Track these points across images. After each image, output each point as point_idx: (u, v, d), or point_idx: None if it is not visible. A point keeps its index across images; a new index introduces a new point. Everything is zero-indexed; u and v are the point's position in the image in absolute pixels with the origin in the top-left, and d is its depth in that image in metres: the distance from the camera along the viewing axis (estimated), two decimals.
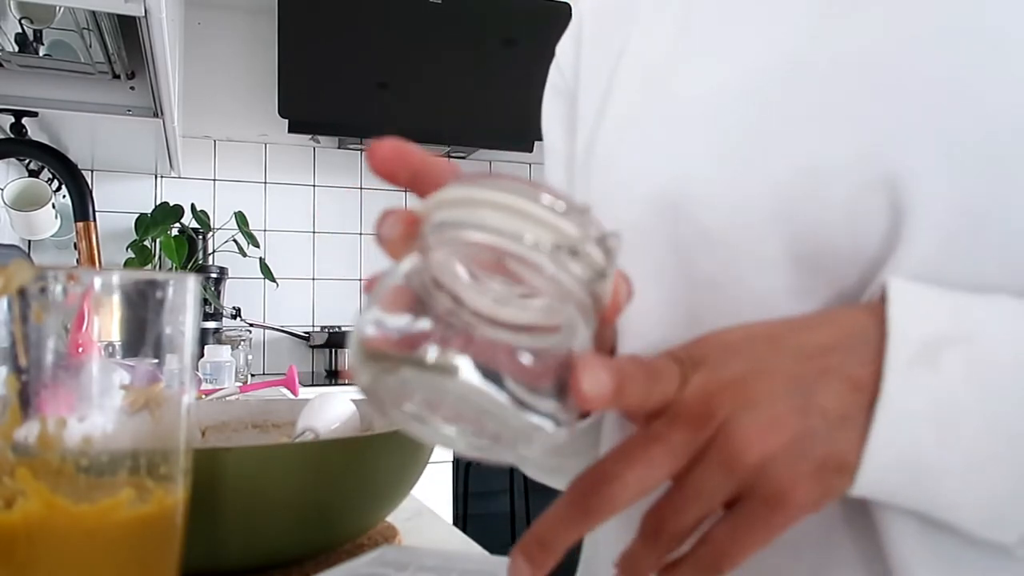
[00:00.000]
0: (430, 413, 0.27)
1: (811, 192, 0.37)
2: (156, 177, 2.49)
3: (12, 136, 1.63)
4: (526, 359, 0.26)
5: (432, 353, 0.25)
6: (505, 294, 0.27)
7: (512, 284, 0.27)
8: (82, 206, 0.93)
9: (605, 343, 0.45)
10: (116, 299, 0.31)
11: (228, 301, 2.40)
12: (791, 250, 0.38)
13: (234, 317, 2.37)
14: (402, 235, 0.30)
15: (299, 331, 2.56)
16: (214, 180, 2.54)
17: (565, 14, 2.74)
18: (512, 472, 2.81)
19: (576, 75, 0.55)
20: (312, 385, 2.14)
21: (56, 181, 2.01)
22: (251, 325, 2.44)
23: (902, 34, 0.37)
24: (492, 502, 2.80)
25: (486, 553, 0.52)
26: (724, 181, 0.40)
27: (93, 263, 0.93)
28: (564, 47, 0.58)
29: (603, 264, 0.28)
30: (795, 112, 0.39)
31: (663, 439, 0.30)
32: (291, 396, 1.63)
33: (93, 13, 1.32)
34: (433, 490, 2.14)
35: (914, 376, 0.30)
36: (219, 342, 2.17)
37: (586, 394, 0.27)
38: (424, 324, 0.26)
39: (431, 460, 0.54)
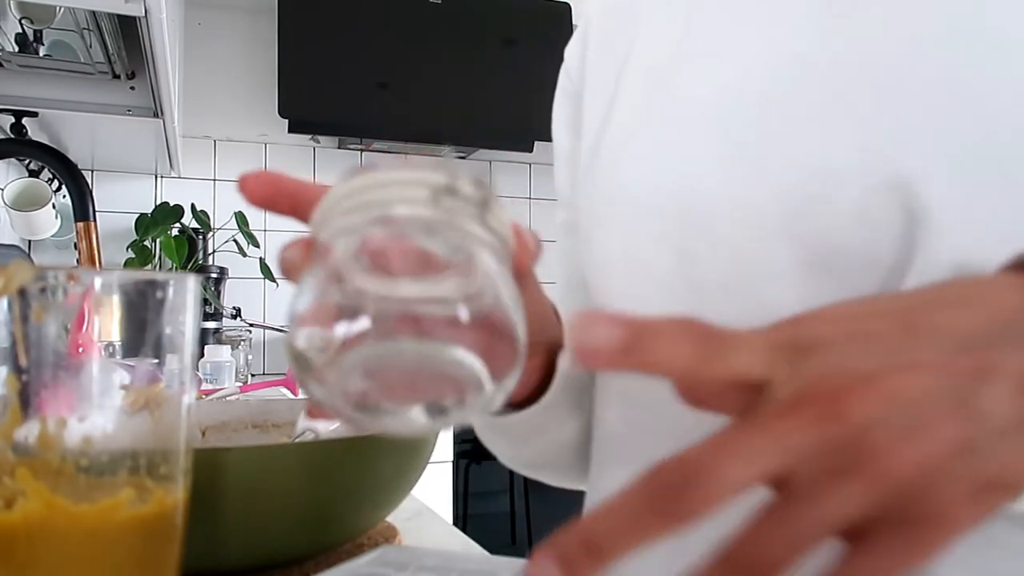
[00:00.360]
0: (389, 395, 0.27)
1: (819, 195, 0.37)
2: (156, 177, 2.48)
3: (12, 136, 1.63)
4: (464, 314, 0.26)
5: (377, 331, 0.26)
6: (415, 275, 0.27)
7: (420, 267, 0.27)
8: (82, 206, 0.93)
9: (538, 307, 0.42)
10: (116, 299, 0.31)
11: (228, 301, 2.40)
12: (800, 256, 0.37)
13: (234, 317, 2.37)
14: (302, 258, 0.29)
15: None
16: (214, 180, 2.54)
17: (565, 14, 2.74)
18: (512, 472, 2.81)
19: (582, 77, 0.55)
20: None
21: (56, 181, 2.01)
22: (251, 325, 2.44)
23: (903, 34, 0.37)
24: (492, 502, 2.80)
25: (486, 553, 0.52)
26: (729, 184, 0.40)
27: (93, 263, 0.93)
28: (571, 50, 0.59)
29: (483, 194, 0.28)
30: (798, 113, 0.38)
31: (769, 428, 0.23)
32: (291, 396, 1.63)
33: (93, 13, 1.32)
34: (433, 490, 2.14)
35: None
36: (219, 342, 2.17)
37: (582, 349, 0.23)
38: (359, 324, 0.26)
39: (431, 460, 0.54)
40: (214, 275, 2.31)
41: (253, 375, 2.35)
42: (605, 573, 0.23)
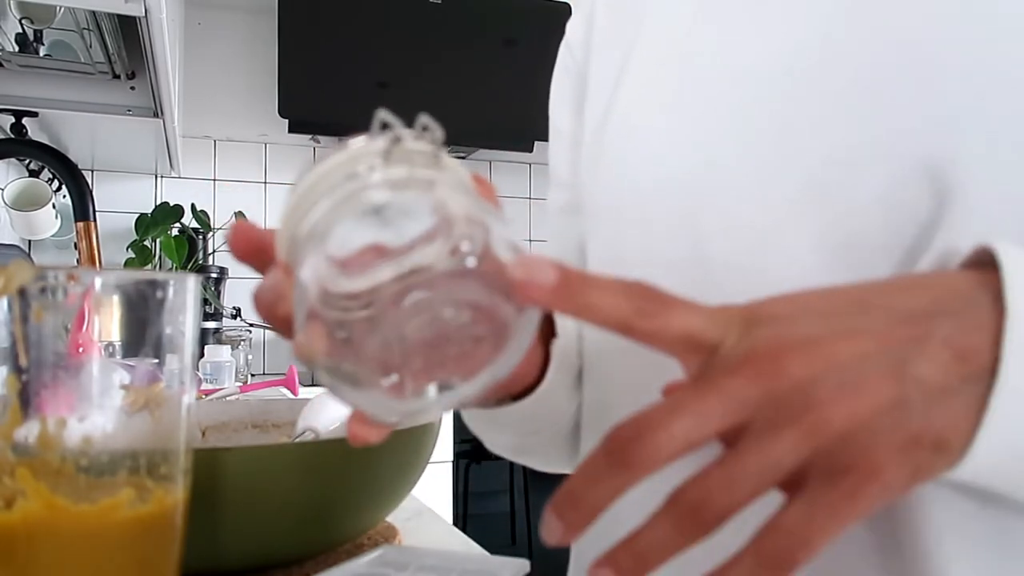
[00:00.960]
0: (426, 377, 0.27)
1: (845, 180, 0.36)
2: (156, 177, 2.49)
3: (12, 136, 1.63)
4: (471, 262, 0.26)
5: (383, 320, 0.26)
6: (391, 257, 0.26)
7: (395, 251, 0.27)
8: (82, 206, 0.93)
9: None
10: (116, 299, 0.31)
11: (228, 301, 2.40)
12: (819, 240, 0.37)
13: (234, 317, 2.37)
14: (283, 287, 0.29)
15: None
16: (214, 180, 2.54)
17: (565, 14, 2.73)
18: (512, 472, 2.82)
19: (587, 54, 0.54)
20: (312, 385, 2.13)
21: (56, 181, 2.01)
22: (251, 325, 2.44)
23: (942, 12, 0.36)
24: (492, 502, 2.80)
25: (486, 553, 0.52)
26: (749, 168, 0.39)
27: (93, 263, 0.93)
28: (575, 25, 0.57)
29: (431, 139, 0.28)
30: (827, 96, 0.38)
31: (719, 388, 0.25)
32: (291, 396, 1.63)
33: (93, 13, 1.32)
34: (433, 490, 2.14)
35: None
36: (219, 342, 2.17)
37: (523, 283, 0.25)
38: (362, 327, 0.26)
39: (431, 460, 0.54)
40: (214, 275, 2.31)
41: (253, 375, 2.35)
42: (592, 519, 0.25)
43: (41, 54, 1.51)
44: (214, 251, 2.41)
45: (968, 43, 0.35)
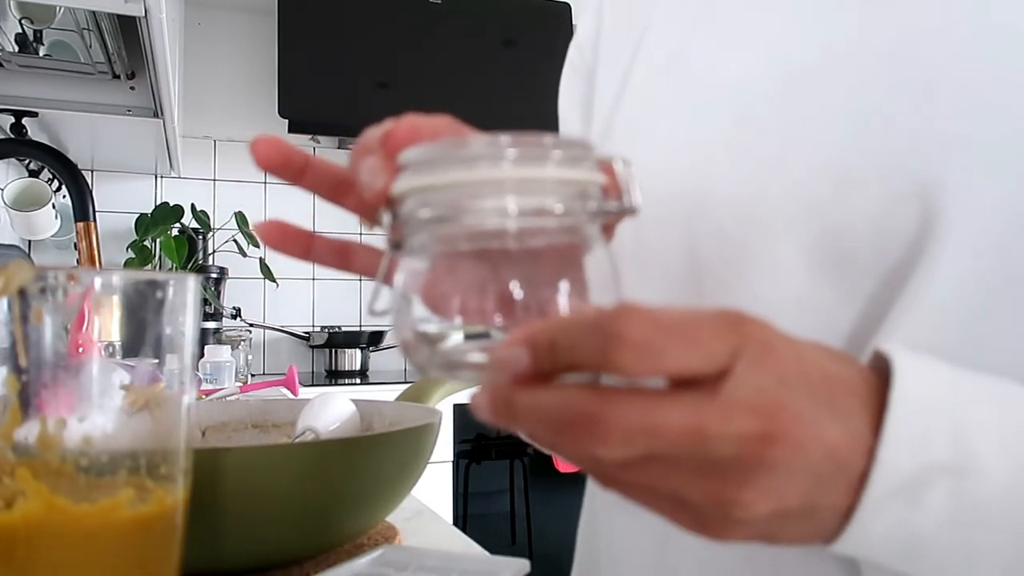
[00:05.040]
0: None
1: (836, 197, 0.36)
2: (156, 177, 2.49)
3: (12, 136, 1.63)
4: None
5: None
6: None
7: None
8: (82, 206, 0.93)
9: None
10: (116, 299, 0.31)
11: (228, 301, 2.40)
12: (807, 256, 0.37)
13: (234, 317, 2.37)
14: (381, 191, 0.31)
15: (299, 331, 2.56)
16: (214, 180, 2.54)
17: (565, 14, 2.74)
18: (512, 472, 2.81)
19: (596, 55, 0.54)
20: (312, 385, 2.14)
21: (56, 181, 2.01)
22: (251, 325, 2.44)
23: (944, 32, 0.35)
24: (492, 502, 2.80)
25: (486, 553, 0.52)
26: (743, 179, 0.39)
27: (93, 263, 0.93)
28: (585, 25, 0.57)
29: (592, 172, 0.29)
30: (823, 110, 0.37)
31: (708, 433, 0.24)
32: (291, 396, 1.63)
33: (93, 13, 1.32)
34: (433, 490, 2.14)
35: (890, 509, 0.27)
36: (219, 342, 2.17)
37: (496, 366, 0.25)
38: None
39: (431, 460, 0.54)
40: (214, 275, 2.31)
41: (253, 375, 2.35)
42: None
43: (41, 54, 1.51)
44: (214, 251, 2.41)
45: (969, 65, 0.34)
